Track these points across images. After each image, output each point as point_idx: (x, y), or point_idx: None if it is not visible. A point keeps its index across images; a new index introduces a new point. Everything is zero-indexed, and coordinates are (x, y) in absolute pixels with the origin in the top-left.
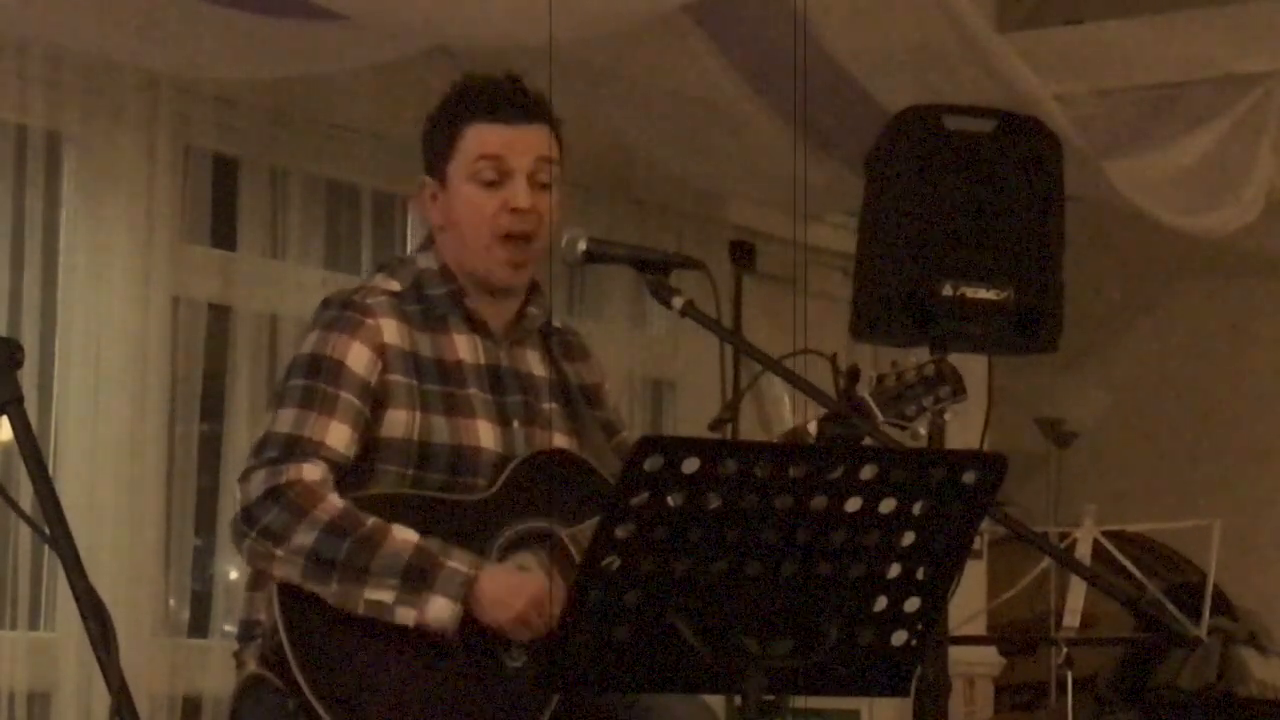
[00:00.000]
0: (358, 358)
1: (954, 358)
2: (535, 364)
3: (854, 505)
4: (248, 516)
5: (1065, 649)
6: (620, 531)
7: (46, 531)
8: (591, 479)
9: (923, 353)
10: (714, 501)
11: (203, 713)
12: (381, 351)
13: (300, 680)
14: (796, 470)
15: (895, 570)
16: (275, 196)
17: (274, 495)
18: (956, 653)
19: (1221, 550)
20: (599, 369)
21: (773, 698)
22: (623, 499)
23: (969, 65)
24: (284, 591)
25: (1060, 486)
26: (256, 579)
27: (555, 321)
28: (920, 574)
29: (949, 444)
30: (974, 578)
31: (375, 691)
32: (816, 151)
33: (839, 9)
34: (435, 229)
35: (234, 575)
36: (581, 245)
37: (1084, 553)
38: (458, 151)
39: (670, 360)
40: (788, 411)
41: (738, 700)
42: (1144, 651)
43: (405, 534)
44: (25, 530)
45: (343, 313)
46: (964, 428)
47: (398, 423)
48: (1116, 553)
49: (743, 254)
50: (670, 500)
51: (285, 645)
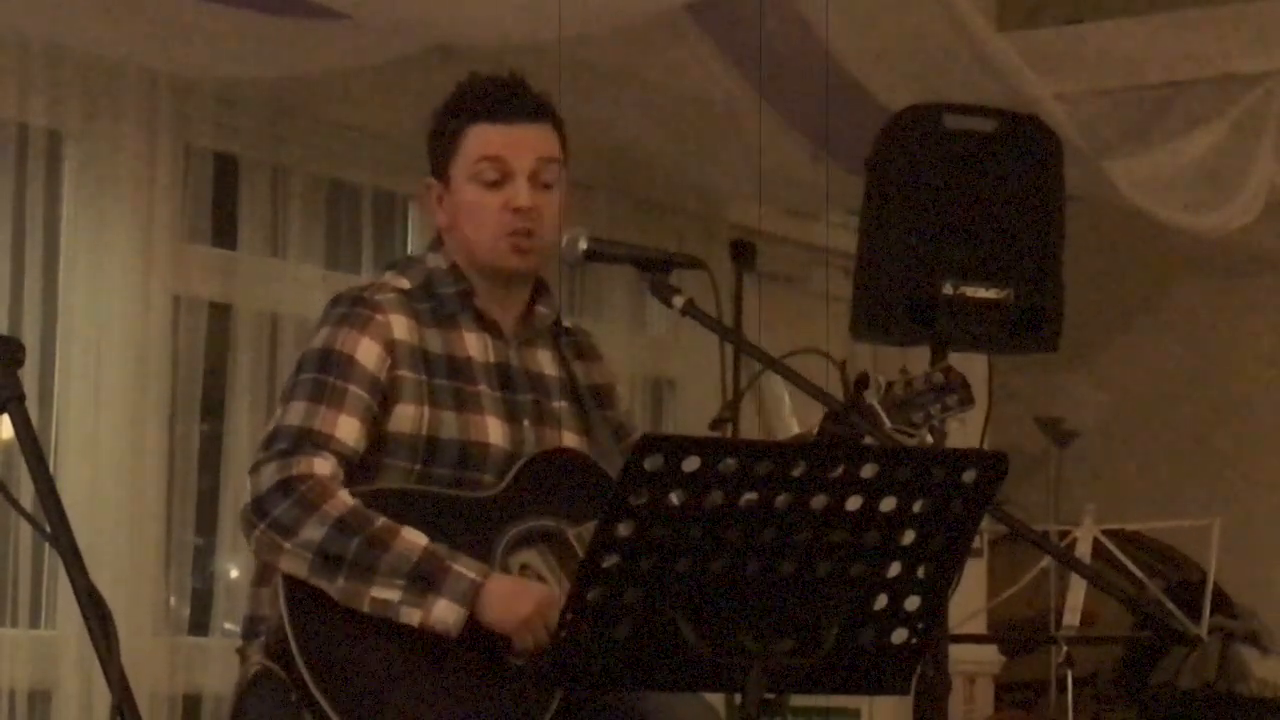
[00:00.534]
0: (367, 352)
1: (954, 357)
2: (546, 363)
3: (854, 504)
4: (258, 508)
5: (1065, 647)
6: (621, 530)
7: (47, 529)
8: (599, 479)
9: (923, 351)
10: (714, 500)
11: (203, 711)
12: (391, 347)
13: (305, 674)
14: (797, 469)
15: (895, 569)
16: (276, 195)
17: (284, 488)
18: (957, 651)
19: (1221, 549)
20: (610, 371)
21: (773, 696)
22: (623, 497)
23: (969, 65)
24: (290, 586)
25: (1060, 485)
26: (261, 575)
27: (566, 322)
28: (920, 572)
29: (949, 443)
30: (974, 576)
31: (379, 686)
32: (817, 150)
33: (840, 9)
34: (442, 229)
35: (234, 573)
36: (582, 244)
37: (1084, 551)
38: (460, 152)
39: (671, 359)
40: (788, 410)
41: (738, 699)
42: (1144, 650)
43: (414, 536)
44: (26, 528)
45: (353, 309)
46: (964, 427)
47: (406, 418)
48: (1116, 551)
49: (743, 253)
50: (671, 499)
51: (290, 639)
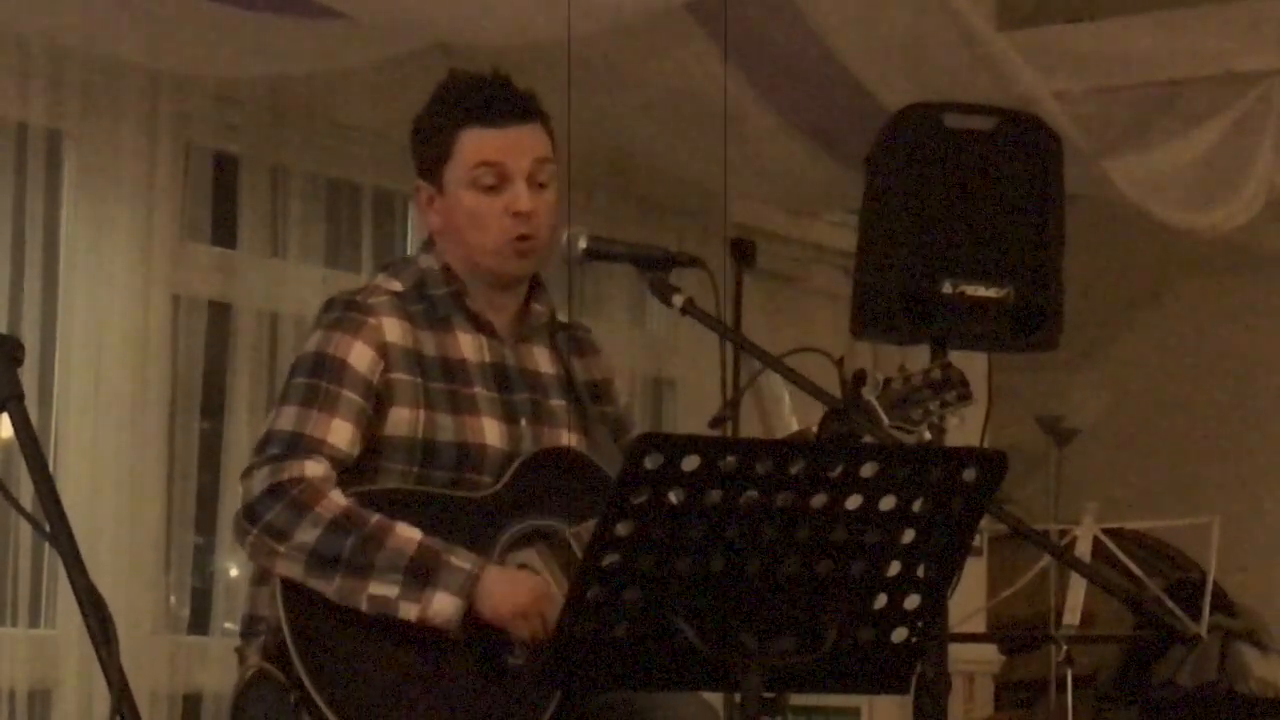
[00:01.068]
0: (360, 356)
1: (954, 355)
2: (543, 361)
3: (854, 503)
4: (250, 513)
5: (1065, 646)
6: (620, 529)
7: (47, 528)
8: (597, 477)
9: (923, 350)
10: (714, 499)
11: (203, 710)
12: (384, 350)
13: (303, 675)
14: (796, 468)
15: (895, 568)
16: (276, 194)
17: (276, 492)
18: (956, 650)
19: (1221, 548)
20: (608, 365)
21: (773, 695)
22: (623, 496)
23: (969, 63)
24: (288, 587)
25: (1060, 484)
26: (261, 574)
27: (563, 317)
28: (920, 571)
29: (949, 441)
30: (974, 575)
31: (377, 688)
32: (817, 149)
33: (840, 7)
34: (435, 232)
35: (234, 572)
36: (582, 243)
37: (1084, 550)
38: (454, 157)
39: (670, 358)
40: (788, 409)
41: (738, 698)
42: (1144, 649)
43: (408, 531)
44: (26, 527)
45: (345, 313)
46: (964, 426)
47: (402, 421)
48: (1116, 550)
49: (743, 252)
50: (670, 498)
51: (288, 640)
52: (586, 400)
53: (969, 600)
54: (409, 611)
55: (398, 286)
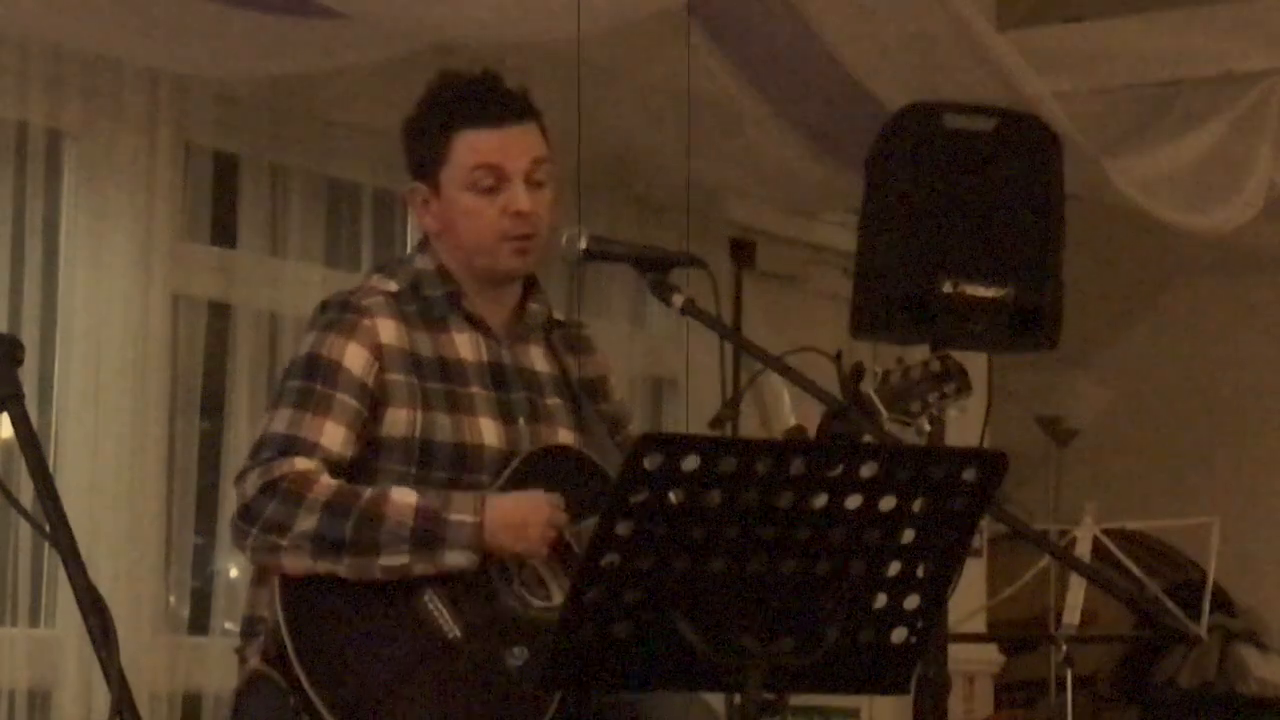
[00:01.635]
0: (354, 358)
1: (954, 355)
2: (539, 359)
3: (854, 503)
4: (246, 514)
5: (1065, 647)
6: (620, 529)
7: (47, 528)
8: (595, 476)
9: (923, 350)
10: (714, 499)
11: (203, 710)
12: (378, 351)
13: (302, 678)
14: (796, 468)
15: (895, 568)
16: (275, 194)
17: (269, 489)
18: (956, 650)
19: (1221, 548)
20: (604, 361)
21: (773, 696)
22: (623, 496)
23: (969, 63)
24: (286, 589)
25: (1060, 484)
26: (260, 575)
27: (558, 315)
28: (920, 571)
29: (949, 441)
30: (974, 575)
31: (378, 691)
32: (816, 149)
33: (840, 7)
34: (431, 234)
35: (234, 573)
36: (582, 243)
37: (1084, 550)
38: (450, 159)
39: (671, 358)
40: (788, 409)
41: (738, 698)
42: (1144, 649)
43: (404, 496)
44: (26, 527)
45: (340, 314)
46: (964, 425)
47: (399, 422)
48: (1116, 550)
49: (743, 252)
50: (670, 498)
51: (287, 643)
52: (583, 398)
53: (969, 600)
54: (424, 571)
55: (393, 287)
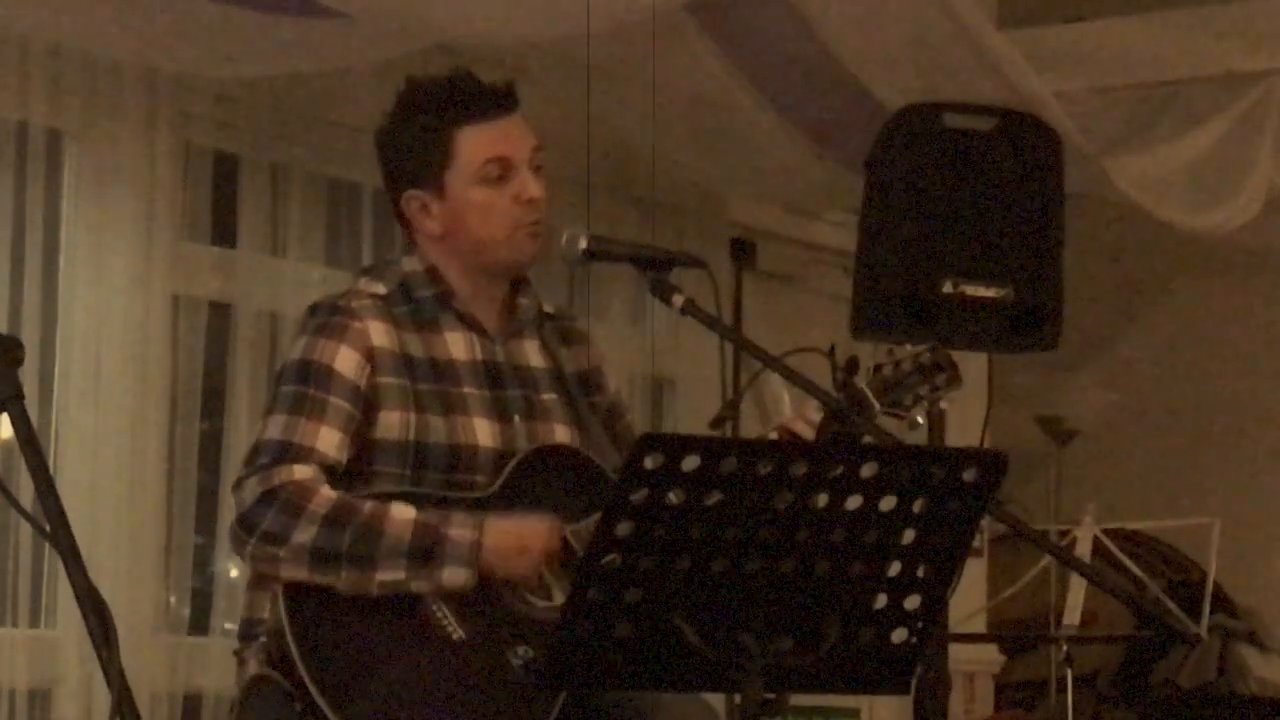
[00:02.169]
0: (346, 362)
1: (954, 355)
2: (533, 355)
3: (854, 503)
4: (245, 523)
5: (1065, 647)
6: (620, 529)
7: (47, 529)
8: (593, 474)
9: (917, 345)
10: (714, 499)
11: (203, 710)
12: (370, 354)
13: (307, 681)
14: (797, 468)
15: (895, 568)
16: (276, 194)
17: (268, 499)
18: (957, 650)
19: (1221, 548)
20: (597, 352)
21: (773, 696)
22: (623, 496)
23: (969, 63)
24: (289, 593)
25: (1060, 484)
26: (258, 577)
27: (549, 307)
28: (920, 572)
29: (949, 441)
30: (974, 575)
31: (382, 692)
32: (817, 149)
33: (839, 7)
34: (432, 238)
35: (234, 573)
36: (582, 243)
37: (1084, 551)
38: (455, 159)
39: (671, 358)
40: (788, 409)
41: (738, 698)
42: (1144, 649)
43: (404, 512)
44: (26, 528)
45: (330, 318)
46: (964, 425)
47: (393, 424)
48: (1116, 550)
49: (743, 252)
50: (670, 498)
51: (291, 646)
52: (577, 393)
53: (969, 600)
54: (421, 588)
55: (381, 289)
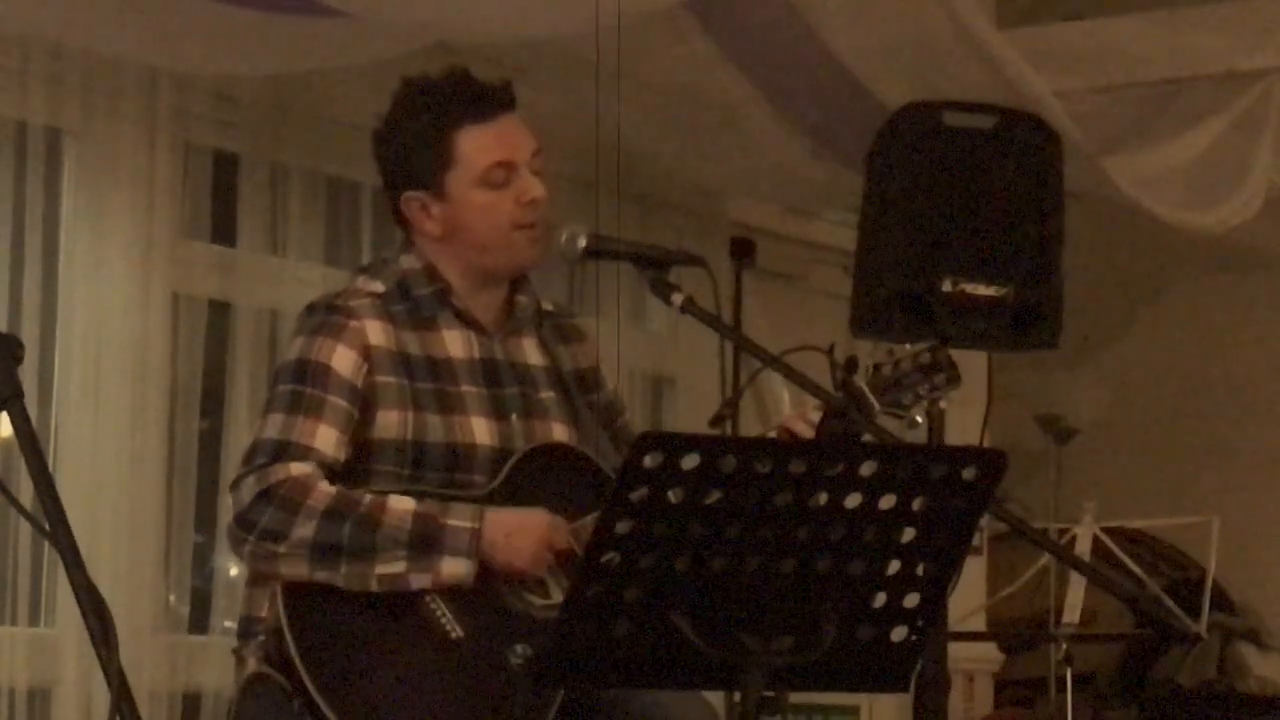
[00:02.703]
0: (343, 360)
1: (953, 354)
2: (531, 353)
3: (854, 501)
4: (243, 522)
5: (1065, 645)
6: (620, 527)
7: (46, 527)
8: (591, 473)
9: (917, 344)
10: (714, 497)
11: (203, 709)
12: (367, 353)
13: (305, 679)
14: (796, 466)
15: (895, 566)
16: (275, 192)
17: (265, 496)
18: (956, 649)
19: (1221, 546)
20: (594, 351)
21: (772, 694)
22: (622, 495)
23: (969, 62)
24: (288, 591)
25: (1060, 483)
26: (257, 575)
27: (547, 305)
28: (920, 570)
29: (949, 440)
30: (974, 574)
31: (381, 691)
32: (816, 147)
33: (839, 5)
34: (430, 239)
35: (234, 572)
36: (581, 242)
37: (1084, 549)
38: (457, 160)
39: (670, 356)
40: (787, 408)
41: (737, 696)
42: (1144, 647)
43: (402, 503)
44: (25, 526)
45: (327, 317)
46: (964, 424)
47: (390, 423)
48: (1116, 549)
49: (743, 251)
50: (670, 496)
51: (290, 645)
52: (575, 392)
53: (969, 599)
54: (421, 582)
55: (379, 288)
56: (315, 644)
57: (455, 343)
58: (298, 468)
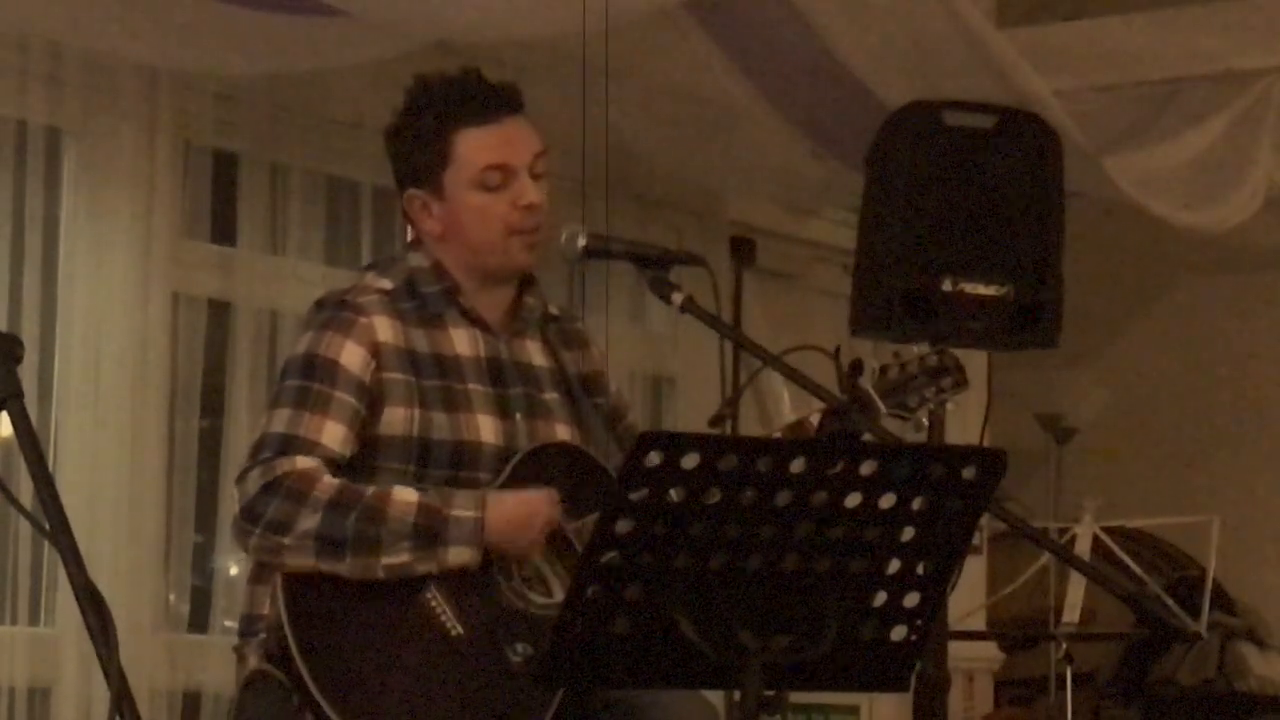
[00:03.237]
0: (351, 357)
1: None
2: (536, 354)
3: (854, 501)
4: (249, 514)
5: (1065, 644)
6: (621, 526)
7: (46, 527)
8: (594, 472)
9: (922, 348)
10: (714, 497)
11: (203, 708)
12: (375, 350)
13: (305, 676)
14: (796, 466)
15: (895, 565)
16: (275, 192)
17: (271, 488)
18: (956, 648)
19: (1221, 545)
20: (599, 356)
21: (772, 693)
22: (623, 494)
23: (969, 61)
24: (289, 587)
25: (1060, 482)
26: (259, 573)
27: (553, 309)
28: (920, 569)
29: (949, 439)
30: (974, 573)
31: (380, 687)
32: (816, 147)
33: (839, 5)
34: (433, 238)
35: (234, 570)
36: (581, 241)
37: (1084, 548)
38: (454, 161)
39: (670, 356)
40: (787, 407)
41: (737, 695)
42: (1144, 647)
43: (406, 494)
44: (25, 526)
45: (336, 313)
46: (964, 423)
47: (397, 420)
48: (1116, 548)
49: (743, 250)
50: (670, 495)
51: (291, 641)
52: (579, 393)
53: (969, 598)
54: (427, 568)
55: (387, 285)
56: (315, 640)
57: (462, 341)
58: (303, 461)
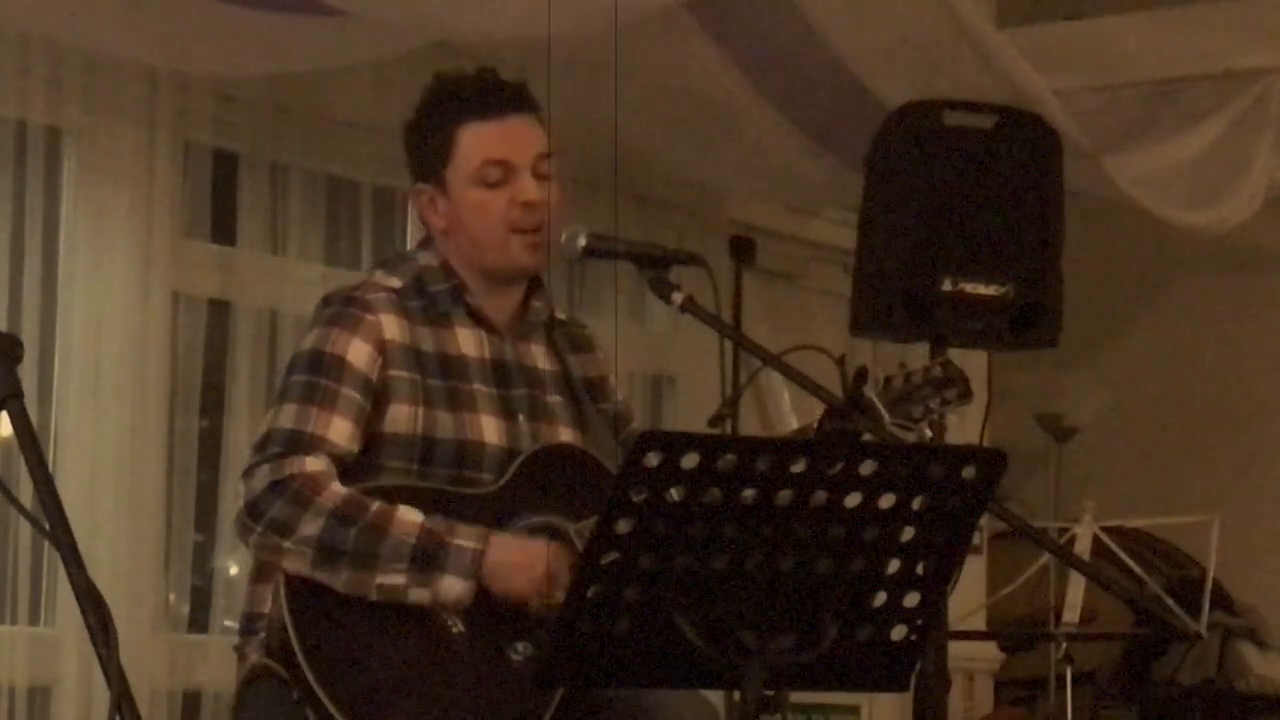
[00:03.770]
0: (358, 353)
1: (953, 353)
2: (540, 357)
3: (853, 500)
4: (252, 510)
5: (1065, 644)
6: (621, 526)
7: (46, 527)
8: (598, 474)
9: (922, 348)
10: (714, 497)
11: (203, 708)
12: (382, 347)
13: (306, 672)
14: (796, 465)
15: (895, 565)
16: (275, 192)
17: (278, 488)
18: (956, 648)
19: (1221, 545)
20: (604, 361)
21: (772, 693)
22: (623, 494)
23: (969, 61)
24: (291, 584)
25: (1060, 482)
26: (259, 572)
27: (560, 314)
28: (920, 569)
29: (948, 439)
30: (974, 573)
31: (381, 684)
32: (816, 147)
33: (839, 4)
34: (438, 233)
35: (234, 570)
36: (581, 241)
37: (1084, 548)
38: (456, 156)
39: (670, 355)
40: (787, 407)
41: (737, 695)
42: (1144, 647)
43: (410, 515)
44: (25, 526)
45: (343, 309)
46: (963, 423)
47: (401, 418)
48: (1116, 548)
49: (743, 249)
50: (670, 495)
51: (292, 636)
52: (584, 397)
53: (969, 598)
54: (420, 597)
55: (395, 283)
56: (316, 635)
57: (468, 341)
58: (312, 463)
